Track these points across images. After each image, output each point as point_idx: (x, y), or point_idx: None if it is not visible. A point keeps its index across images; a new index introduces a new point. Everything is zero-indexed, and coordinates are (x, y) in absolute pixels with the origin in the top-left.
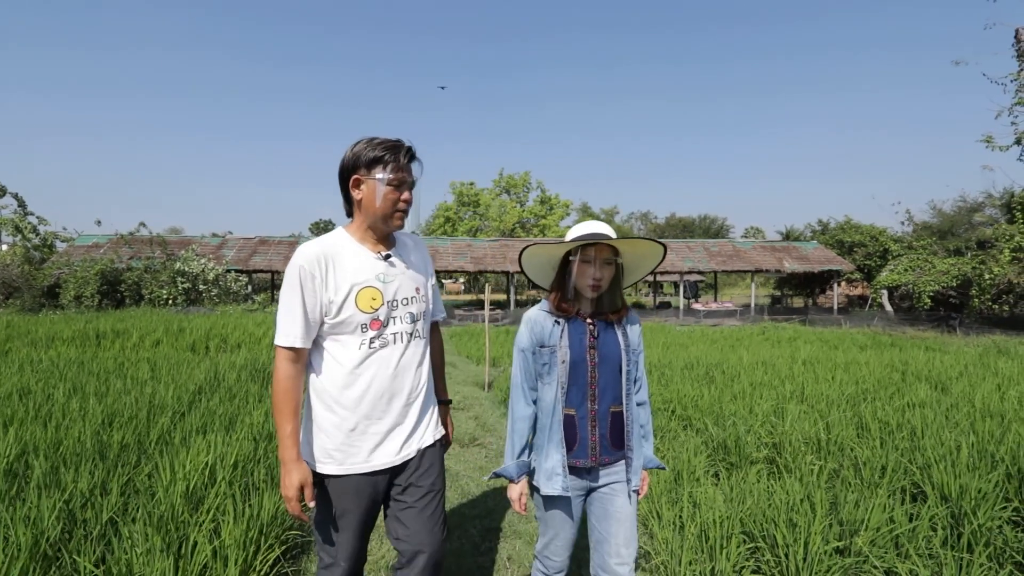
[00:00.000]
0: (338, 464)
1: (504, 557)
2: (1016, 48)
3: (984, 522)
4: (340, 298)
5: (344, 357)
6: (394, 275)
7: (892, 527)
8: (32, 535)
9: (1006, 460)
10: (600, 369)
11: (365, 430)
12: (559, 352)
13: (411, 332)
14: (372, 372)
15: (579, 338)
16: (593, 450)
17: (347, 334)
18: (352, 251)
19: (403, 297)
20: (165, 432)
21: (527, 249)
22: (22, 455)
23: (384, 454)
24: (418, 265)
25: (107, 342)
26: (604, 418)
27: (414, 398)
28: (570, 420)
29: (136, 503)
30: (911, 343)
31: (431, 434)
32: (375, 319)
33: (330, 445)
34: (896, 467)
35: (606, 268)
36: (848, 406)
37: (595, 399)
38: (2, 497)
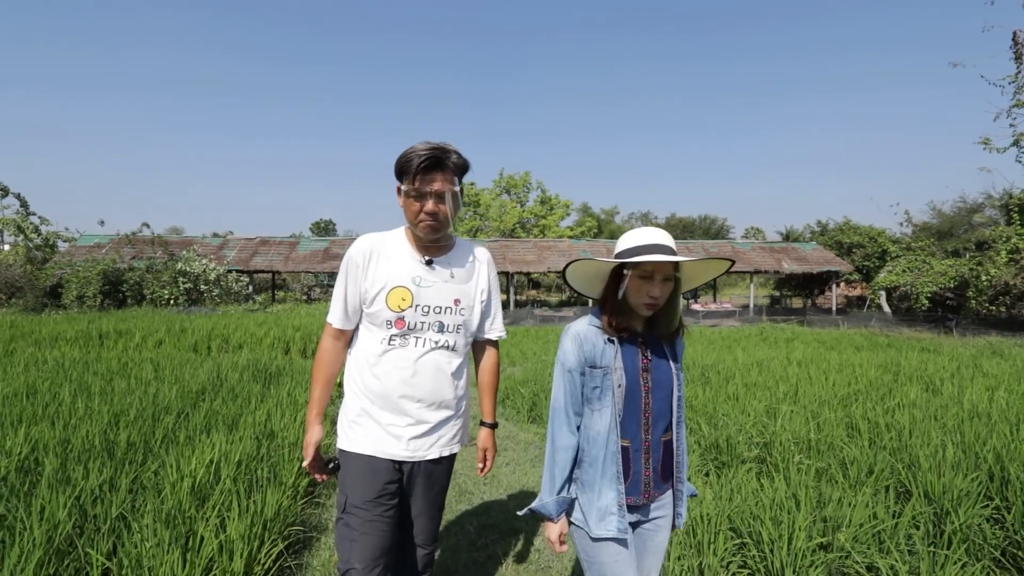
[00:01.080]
0: (348, 440)
1: (499, 553)
2: (1014, 50)
3: (965, 520)
4: (374, 291)
5: (369, 345)
6: (431, 281)
7: (875, 524)
8: (46, 530)
9: (989, 460)
10: (654, 395)
11: (374, 416)
12: (614, 375)
13: (437, 341)
14: (386, 368)
15: (632, 360)
16: (647, 486)
17: (376, 326)
18: (398, 250)
19: (436, 305)
20: (170, 431)
21: (575, 262)
22: (32, 453)
23: (391, 443)
24: (468, 278)
25: (110, 342)
26: (657, 449)
27: (430, 404)
28: (625, 452)
29: (144, 499)
30: (907, 344)
31: (439, 449)
32: (400, 318)
33: (346, 419)
34: (883, 466)
35: (665, 285)
36: (840, 407)
37: (648, 428)
38: (16, 493)
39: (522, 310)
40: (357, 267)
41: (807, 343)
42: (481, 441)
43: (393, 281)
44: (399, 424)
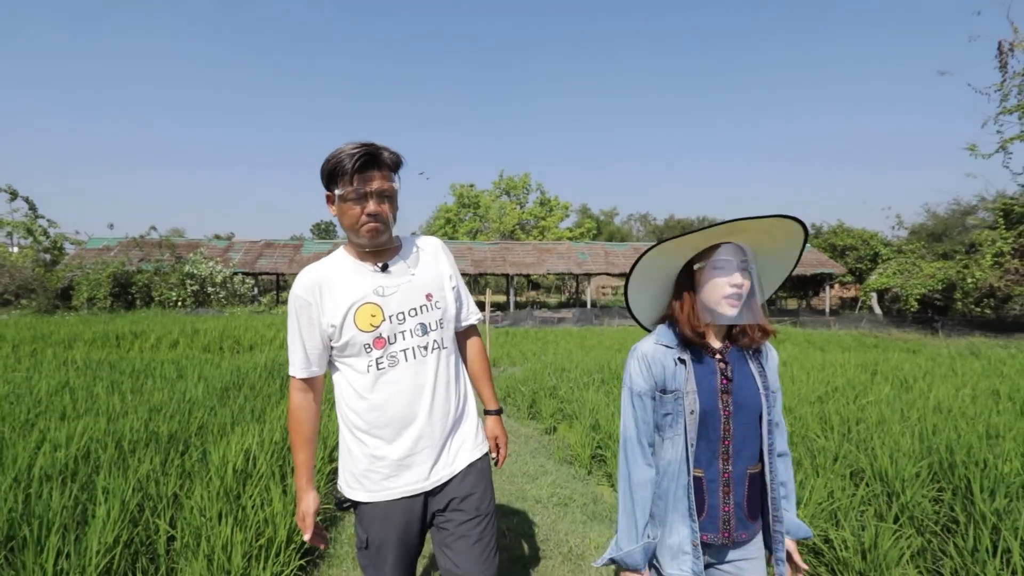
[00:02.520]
0: (365, 491)
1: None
2: (999, 59)
3: (911, 499)
4: (339, 320)
5: (356, 381)
6: (395, 286)
7: (832, 502)
8: (120, 500)
9: (940, 449)
10: (735, 420)
11: (387, 455)
12: (686, 400)
13: (426, 345)
14: (384, 395)
15: (709, 380)
16: (726, 523)
17: (353, 357)
18: (347, 269)
19: (410, 308)
20: (204, 424)
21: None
22: (86, 441)
23: (411, 479)
24: (428, 269)
25: (126, 343)
26: (740, 482)
27: (441, 416)
28: (698, 484)
29: (192, 482)
30: (893, 345)
31: (467, 454)
32: (378, 338)
33: (356, 470)
34: (846, 455)
35: (746, 273)
36: (817, 403)
37: (728, 458)
38: (83, 475)
39: (521, 311)
40: (309, 306)
41: (797, 344)
42: (489, 430)
43: (356, 301)
44: (416, 452)
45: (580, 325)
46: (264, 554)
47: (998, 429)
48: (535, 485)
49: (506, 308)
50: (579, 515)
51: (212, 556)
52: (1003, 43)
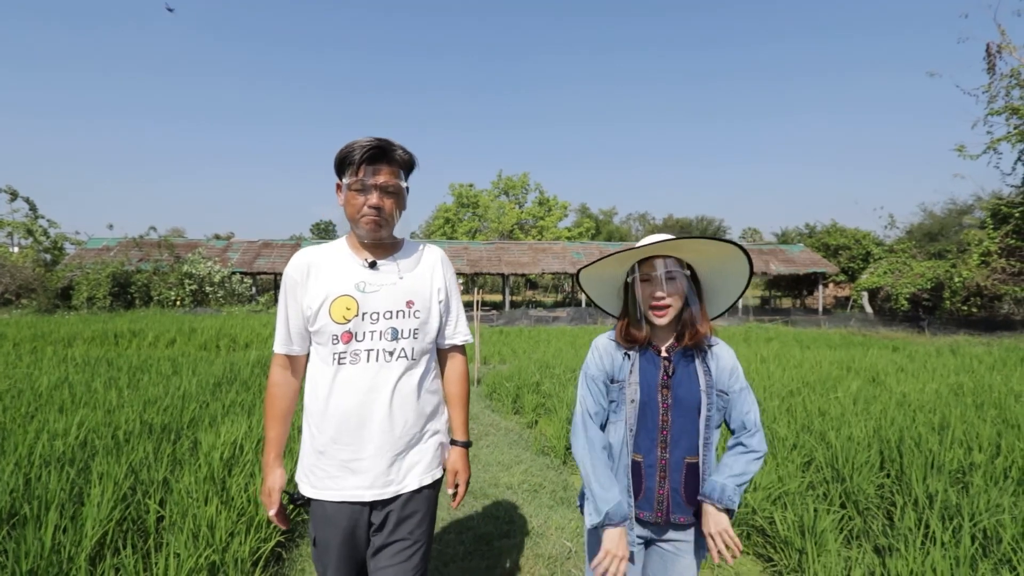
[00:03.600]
0: (311, 486)
1: (485, 568)
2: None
3: (855, 484)
4: (316, 306)
5: (319, 371)
6: (378, 284)
7: (781, 486)
8: (113, 485)
9: (891, 439)
10: (674, 412)
11: (334, 455)
12: (628, 390)
13: (391, 350)
14: (339, 390)
15: (651, 374)
16: (660, 504)
17: (322, 345)
18: (338, 258)
19: (385, 310)
20: (196, 416)
21: (583, 276)
22: (83, 431)
23: (354, 483)
24: (419, 278)
25: (124, 341)
26: (677, 469)
27: (395, 428)
28: (637, 467)
29: (181, 468)
30: (879, 342)
31: (418, 477)
32: (346, 331)
33: (305, 463)
34: (804, 444)
35: (671, 284)
36: (788, 397)
37: (666, 446)
38: (80, 461)
39: (516, 310)
40: (296, 284)
41: (785, 342)
42: (451, 463)
43: (335, 291)
44: (362, 457)
45: (574, 324)
46: (246, 530)
47: (950, 421)
48: (508, 473)
49: (501, 307)
50: (547, 500)
51: (197, 532)
52: (991, 45)
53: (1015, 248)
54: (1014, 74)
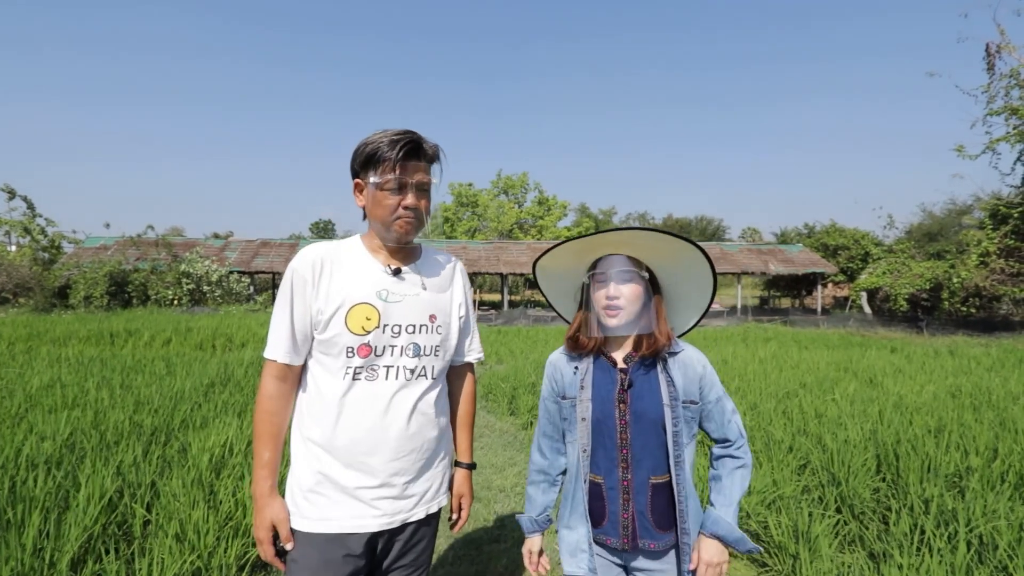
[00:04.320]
0: (303, 517)
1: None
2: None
3: (851, 488)
4: (330, 311)
5: (325, 385)
6: (401, 294)
7: (776, 490)
8: (99, 485)
9: (887, 442)
10: (633, 429)
11: (337, 479)
12: (579, 407)
13: (413, 368)
14: (353, 410)
15: (606, 389)
16: (626, 529)
17: (331, 357)
18: (357, 260)
19: (408, 323)
20: (187, 417)
21: (538, 269)
22: (72, 433)
23: (359, 514)
24: (442, 289)
25: (120, 340)
26: (642, 491)
27: (408, 452)
28: (597, 489)
29: (170, 471)
30: (877, 343)
31: (426, 505)
32: (364, 344)
33: (299, 490)
34: (800, 447)
35: (625, 285)
36: (784, 398)
37: (628, 466)
38: (67, 464)
39: (515, 310)
40: (306, 283)
41: (783, 342)
42: (456, 486)
43: (354, 297)
44: (371, 485)
45: None
46: (232, 535)
47: (947, 424)
48: (501, 476)
49: (500, 307)
50: None
51: (183, 537)
52: (990, 45)
53: (1014, 249)
54: (1013, 74)
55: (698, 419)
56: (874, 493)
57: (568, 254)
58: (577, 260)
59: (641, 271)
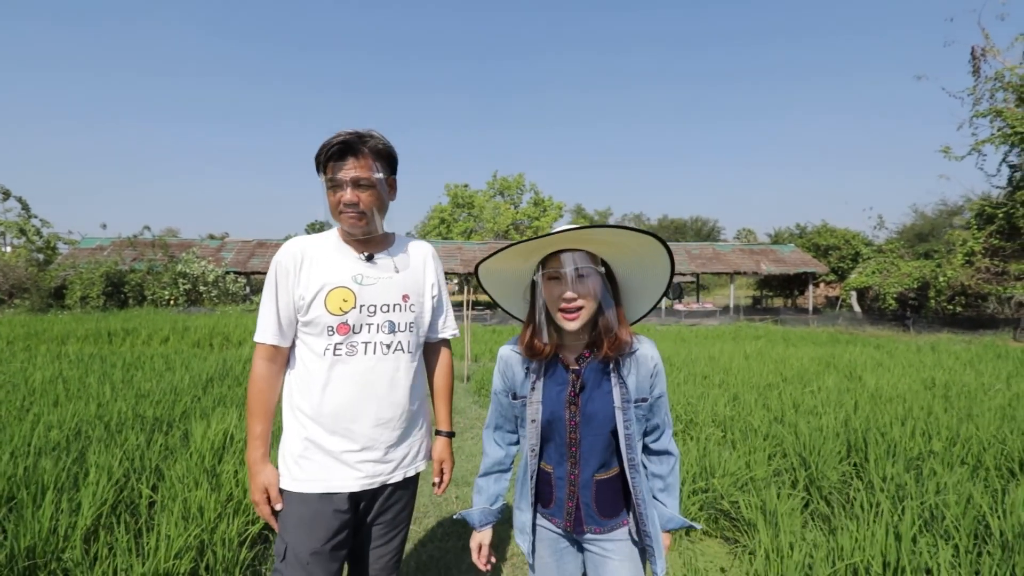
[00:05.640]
0: (292, 479)
1: (461, 547)
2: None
3: (819, 471)
4: (310, 295)
5: (311, 362)
6: (375, 277)
7: (749, 472)
8: (107, 474)
9: (859, 430)
10: (583, 430)
11: (323, 444)
12: (529, 409)
13: (389, 343)
14: (335, 383)
15: (556, 391)
16: (570, 515)
17: (314, 336)
18: (333, 250)
19: (383, 303)
20: (188, 409)
21: (482, 273)
22: (78, 423)
23: (343, 476)
24: (415, 272)
25: (118, 339)
26: (587, 486)
27: (387, 420)
28: (547, 477)
29: (173, 457)
30: (864, 340)
31: (404, 470)
32: (343, 323)
33: (290, 456)
34: (776, 434)
35: (582, 283)
36: (766, 390)
37: (576, 462)
38: (75, 450)
39: None
40: (288, 272)
41: (772, 340)
42: (436, 452)
43: (332, 282)
44: (353, 449)
45: None
46: (233, 513)
47: (915, 412)
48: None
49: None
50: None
51: (187, 514)
52: (976, 49)
53: (998, 248)
54: (998, 77)
55: (647, 414)
56: (842, 476)
57: (517, 255)
58: (524, 260)
59: (598, 267)
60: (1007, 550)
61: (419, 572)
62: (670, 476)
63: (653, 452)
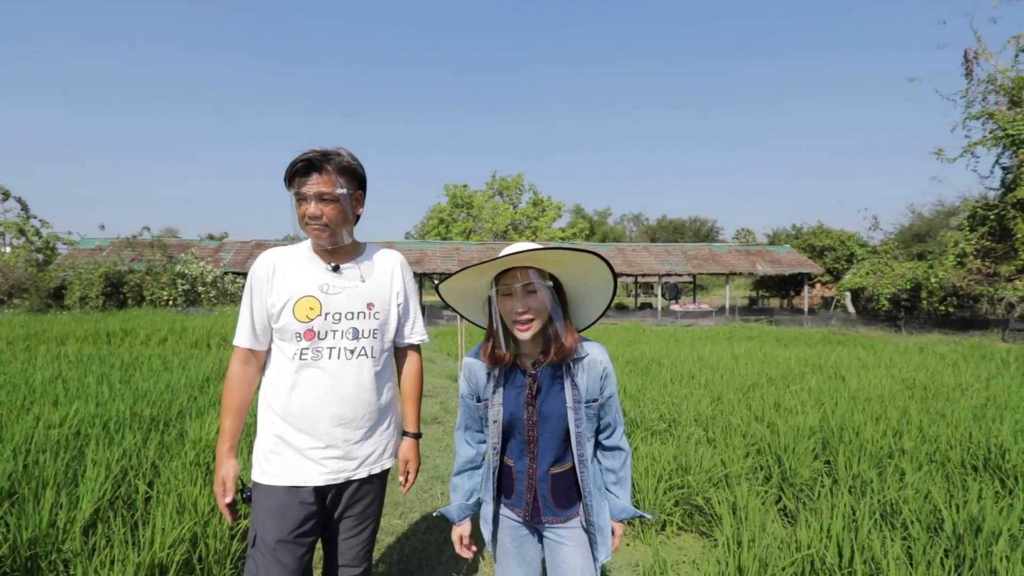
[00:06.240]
0: (263, 472)
1: (442, 540)
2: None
3: (792, 469)
4: (280, 303)
5: (282, 365)
6: (340, 287)
7: (724, 469)
8: (105, 466)
9: (834, 429)
10: (540, 428)
11: (291, 441)
12: (491, 410)
13: (352, 349)
14: (302, 385)
15: (515, 393)
16: (529, 506)
17: (285, 341)
18: (303, 261)
19: (348, 311)
20: (184, 408)
21: (443, 292)
22: (77, 422)
23: (309, 471)
24: (380, 281)
25: (117, 340)
26: (544, 480)
27: (350, 420)
28: (508, 471)
29: (169, 454)
30: (856, 341)
31: (368, 467)
32: (309, 329)
33: (261, 450)
34: (753, 432)
35: (532, 298)
36: (750, 389)
37: (534, 457)
38: (77, 449)
39: None
40: (261, 282)
41: (764, 341)
42: (402, 452)
43: (299, 292)
44: (318, 446)
45: None
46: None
47: (890, 412)
48: None
49: None
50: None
51: (182, 509)
52: (968, 52)
53: (990, 249)
54: (990, 80)
55: (598, 413)
56: (814, 473)
57: (475, 274)
58: (480, 277)
59: (546, 281)
60: (959, 541)
61: (402, 563)
62: (622, 470)
63: (606, 448)
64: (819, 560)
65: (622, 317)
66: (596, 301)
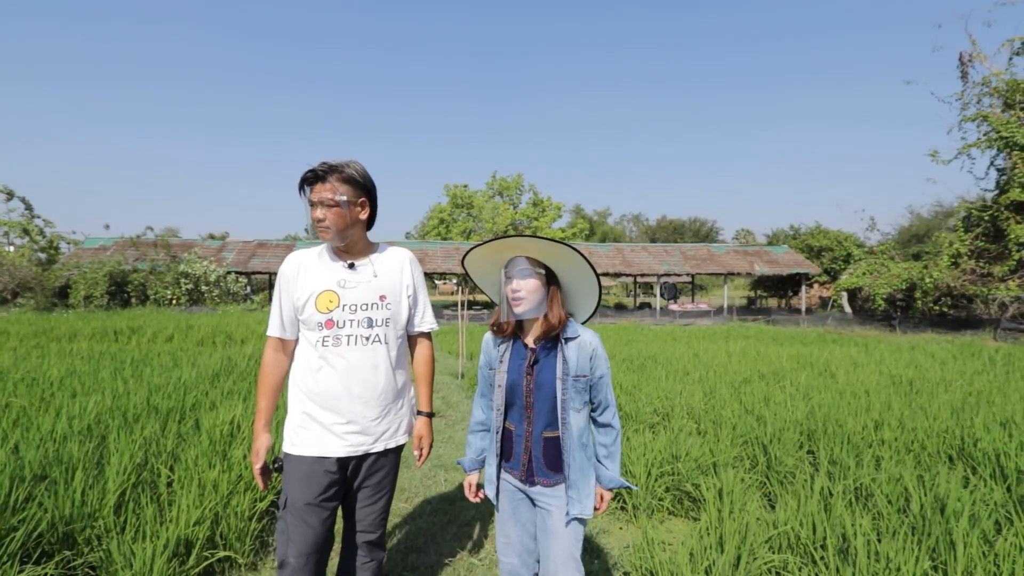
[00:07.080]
0: (291, 444)
1: (446, 521)
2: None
3: (776, 458)
4: (304, 298)
5: (308, 351)
6: (356, 282)
7: (712, 457)
8: (128, 456)
9: (820, 420)
10: (535, 395)
11: (316, 417)
12: (498, 376)
13: (368, 336)
14: (325, 368)
15: (518, 363)
16: (524, 467)
17: (310, 331)
18: (323, 260)
19: (363, 303)
20: (197, 401)
21: (467, 263)
22: (97, 414)
23: (333, 441)
24: (391, 275)
25: (124, 338)
26: (538, 441)
27: (368, 399)
28: (509, 434)
29: (187, 443)
30: (850, 340)
31: (386, 441)
32: (329, 319)
33: (291, 426)
34: (742, 424)
35: (524, 281)
36: (742, 385)
37: (530, 422)
38: (100, 437)
39: None
40: (289, 280)
41: (761, 340)
42: (417, 429)
43: (320, 286)
44: (340, 421)
45: None
46: (244, 490)
47: (874, 405)
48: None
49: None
50: None
51: (203, 491)
52: (964, 54)
53: (984, 250)
54: (985, 82)
55: (588, 390)
56: (797, 461)
57: (486, 256)
58: (494, 261)
59: (538, 268)
60: (924, 520)
61: (409, 540)
62: (612, 445)
63: (600, 424)
64: (794, 536)
65: (621, 316)
66: (584, 294)
